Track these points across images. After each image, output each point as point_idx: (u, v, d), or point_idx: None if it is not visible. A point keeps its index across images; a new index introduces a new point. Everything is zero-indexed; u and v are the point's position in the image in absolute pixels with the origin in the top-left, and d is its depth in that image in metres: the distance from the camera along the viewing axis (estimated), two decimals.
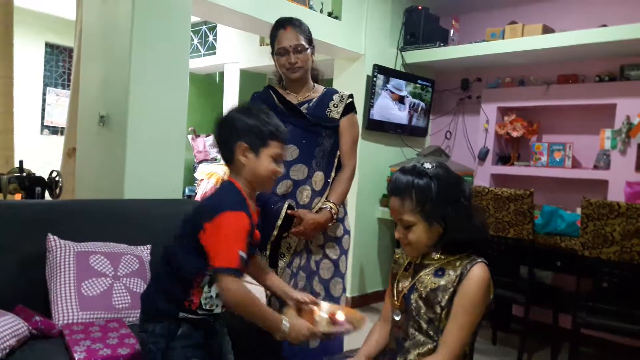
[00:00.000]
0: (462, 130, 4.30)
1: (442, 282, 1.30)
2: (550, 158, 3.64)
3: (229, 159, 1.48)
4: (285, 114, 2.01)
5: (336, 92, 2.14)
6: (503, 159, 3.95)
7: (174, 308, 1.45)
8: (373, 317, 1.61)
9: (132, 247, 2.13)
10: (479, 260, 1.31)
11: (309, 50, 2.04)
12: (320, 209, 2.03)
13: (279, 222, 1.99)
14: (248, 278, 1.58)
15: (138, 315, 1.92)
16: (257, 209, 1.54)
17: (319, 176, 2.05)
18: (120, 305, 1.91)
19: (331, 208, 2.02)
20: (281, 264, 2.05)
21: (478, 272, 1.28)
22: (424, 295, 1.32)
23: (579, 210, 2.78)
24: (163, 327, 1.44)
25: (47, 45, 6.04)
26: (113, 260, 2.00)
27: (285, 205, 2.00)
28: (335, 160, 2.09)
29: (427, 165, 1.34)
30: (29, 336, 1.74)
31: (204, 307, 1.46)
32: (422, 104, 4.17)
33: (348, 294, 3.76)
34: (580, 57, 3.56)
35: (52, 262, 1.92)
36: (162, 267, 1.51)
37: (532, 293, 2.91)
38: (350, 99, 2.12)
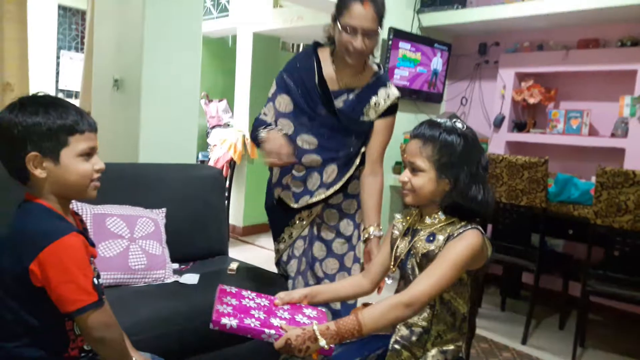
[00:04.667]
0: (478, 97, 4.23)
1: (432, 247, 1.31)
2: (566, 125, 3.58)
3: (22, 177, 1.13)
4: (316, 102, 1.80)
5: (385, 84, 1.84)
6: (519, 126, 3.89)
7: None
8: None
9: (148, 210, 2.16)
10: (472, 226, 1.29)
11: (379, 33, 1.71)
12: (366, 239, 1.80)
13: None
14: None
15: (153, 276, 2.00)
16: (78, 220, 1.26)
17: (332, 169, 1.86)
18: (137, 266, 1.97)
19: (375, 237, 1.78)
20: (282, 246, 1.97)
21: (467, 235, 1.26)
22: (417, 261, 1.34)
23: (593, 179, 2.75)
24: None
25: (60, 7, 6.00)
26: (129, 223, 2.05)
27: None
28: (358, 159, 1.86)
29: (459, 125, 1.33)
30: None
31: (86, 348, 1.22)
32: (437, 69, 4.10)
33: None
34: (602, 21, 3.46)
35: None
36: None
37: (542, 261, 2.91)
38: (396, 101, 1.85)
